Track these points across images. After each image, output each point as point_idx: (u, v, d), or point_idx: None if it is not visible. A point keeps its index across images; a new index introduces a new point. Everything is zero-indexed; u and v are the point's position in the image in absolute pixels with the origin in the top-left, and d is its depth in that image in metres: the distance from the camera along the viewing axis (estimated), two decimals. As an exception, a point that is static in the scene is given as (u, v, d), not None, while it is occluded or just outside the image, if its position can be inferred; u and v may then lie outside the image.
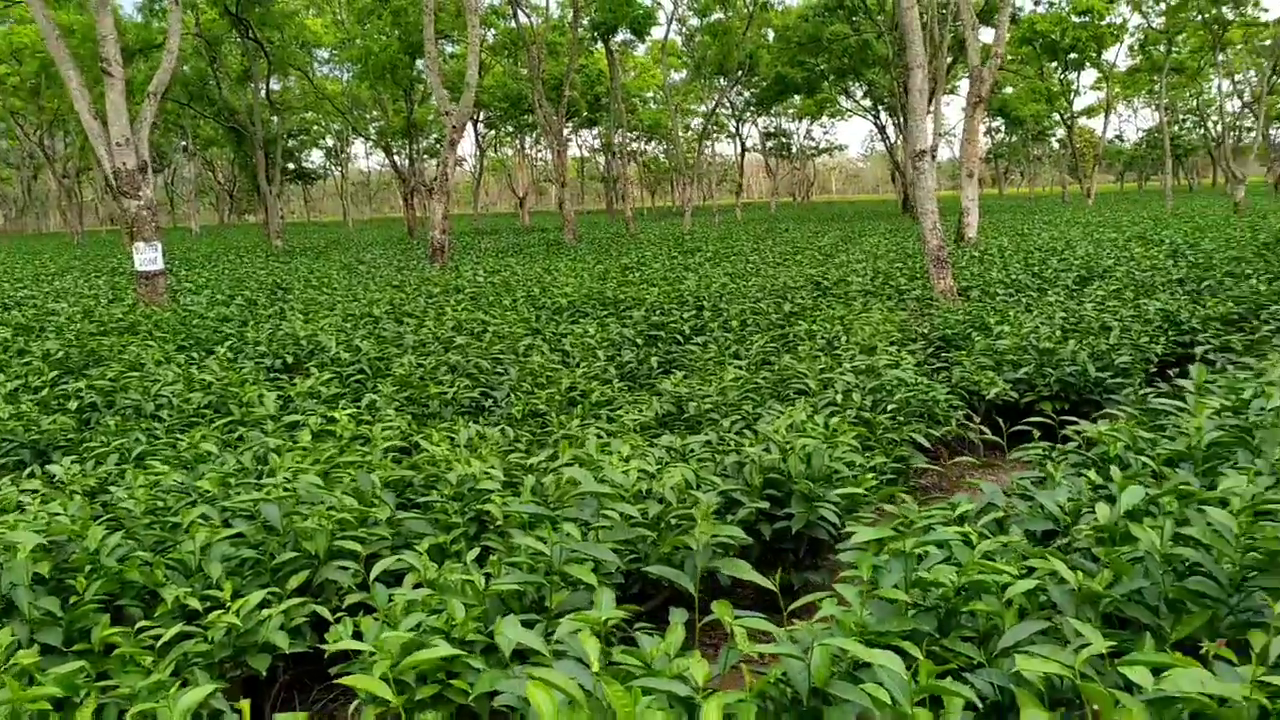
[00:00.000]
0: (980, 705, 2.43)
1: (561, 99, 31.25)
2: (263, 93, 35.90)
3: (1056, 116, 58.99)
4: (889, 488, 4.27)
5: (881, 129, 54.82)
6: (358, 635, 3.03)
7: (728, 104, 53.05)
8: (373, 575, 3.27)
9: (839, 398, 6.22)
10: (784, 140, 73.26)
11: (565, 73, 31.91)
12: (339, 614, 3.14)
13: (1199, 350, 8.51)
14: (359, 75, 39.79)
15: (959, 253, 17.14)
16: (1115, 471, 3.41)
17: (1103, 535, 3.20)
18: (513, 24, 34.69)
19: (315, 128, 60.07)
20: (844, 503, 4.67)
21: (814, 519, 4.61)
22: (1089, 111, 67.96)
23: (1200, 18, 39.20)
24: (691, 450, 5.28)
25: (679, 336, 9.78)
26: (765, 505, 4.75)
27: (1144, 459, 3.89)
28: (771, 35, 42.46)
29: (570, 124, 55.74)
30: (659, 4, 36.77)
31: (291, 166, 62.62)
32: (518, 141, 67.27)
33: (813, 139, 76.06)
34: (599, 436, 5.51)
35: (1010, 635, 2.47)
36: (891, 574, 2.86)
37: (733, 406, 6.52)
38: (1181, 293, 11.66)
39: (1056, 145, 76.51)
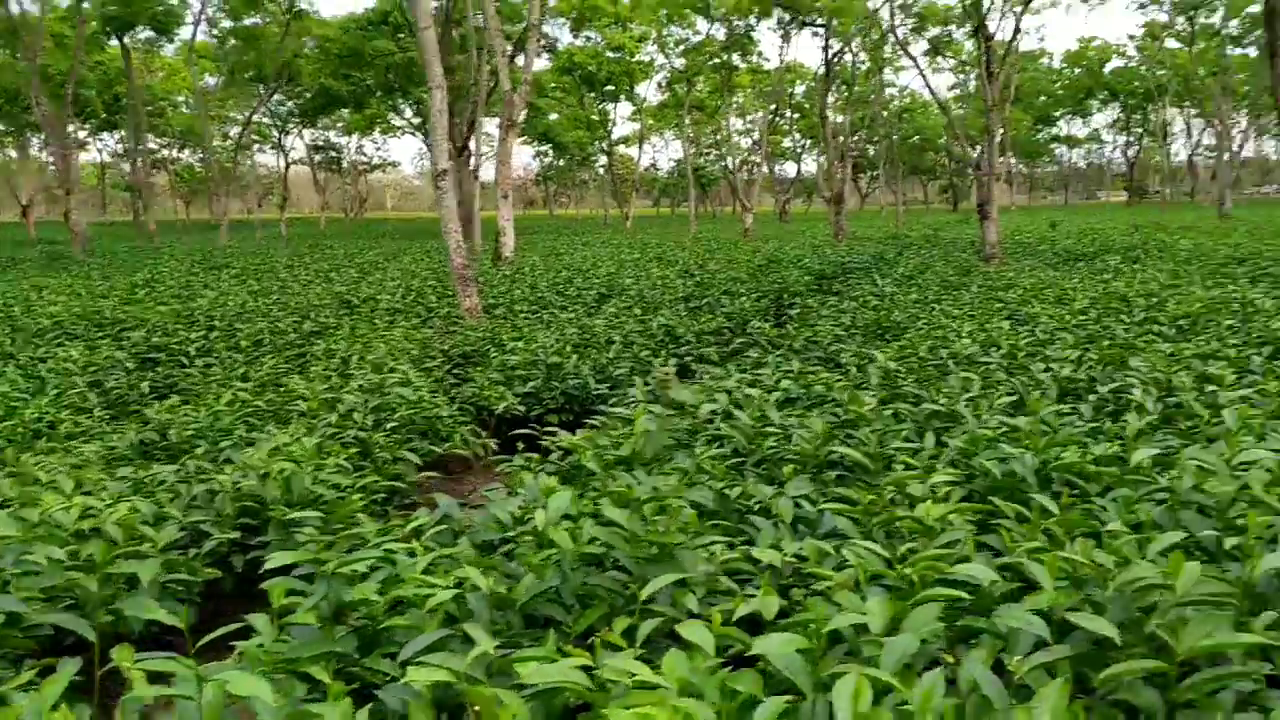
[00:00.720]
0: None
1: (67, 97, 28.01)
2: None
3: (599, 144, 62.80)
4: (347, 506, 4.23)
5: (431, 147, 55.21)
6: None
7: (269, 113, 50.72)
8: None
9: (334, 418, 6.09)
10: (334, 154, 71.47)
11: (71, 68, 28.65)
12: None
13: (686, 361, 9.41)
14: None
15: (494, 271, 17.64)
16: (544, 479, 3.61)
17: (541, 539, 3.37)
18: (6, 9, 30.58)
19: None
20: (324, 527, 4.55)
21: (291, 547, 4.45)
22: (626, 140, 73.06)
23: (714, 62, 43.73)
24: (161, 481, 4.91)
25: (183, 358, 9.11)
26: (238, 535, 4.53)
27: (592, 466, 4.17)
28: (314, 45, 41.15)
29: (87, 126, 50.35)
30: (186, 2, 34.14)
31: None
32: (22, 142, 59.45)
33: (365, 154, 74.97)
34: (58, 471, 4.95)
35: (410, 646, 2.50)
36: (314, 597, 2.81)
37: (224, 432, 6.16)
38: (684, 309, 12.81)
39: (601, 171, 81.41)
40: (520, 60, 28.17)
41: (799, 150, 65.24)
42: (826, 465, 4.52)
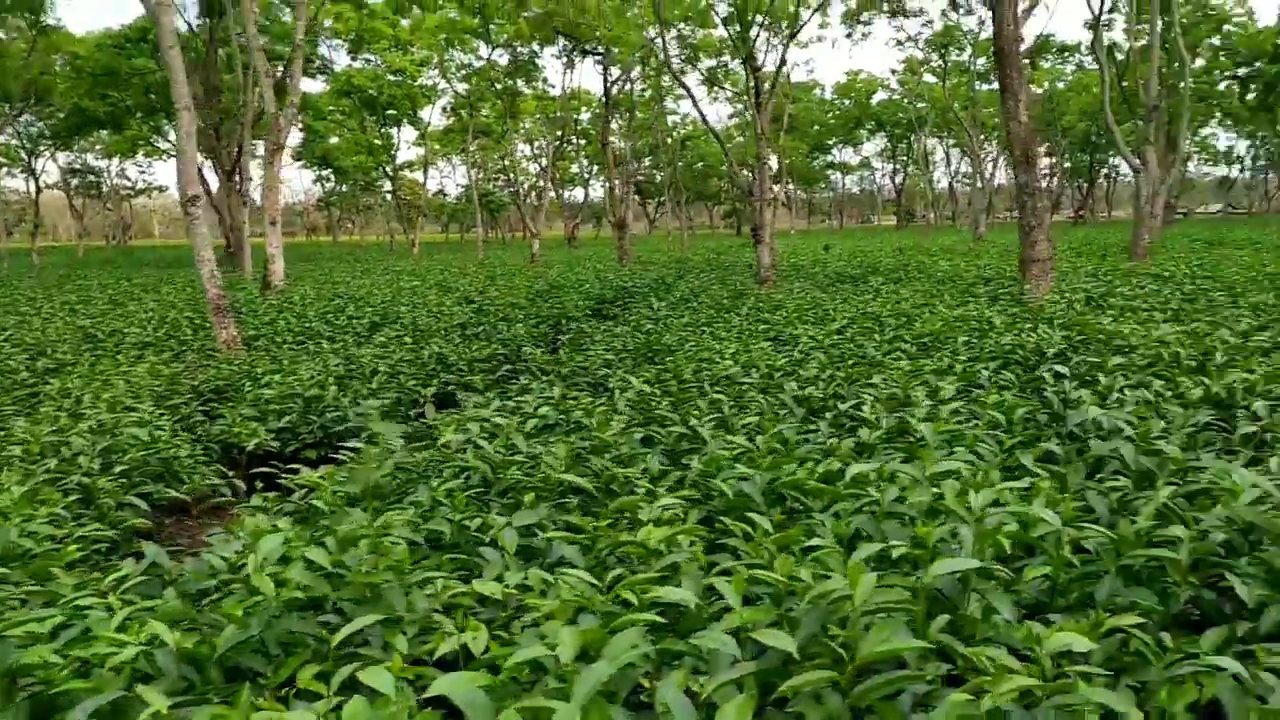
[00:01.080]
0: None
1: None
2: None
3: (382, 169, 61.40)
4: (59, 559, 3.90)
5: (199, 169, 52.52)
6: None
7: (17, 135, 46.99)
8: None
9: (54, 463, 5.63)
10: (93, 178, 66.92)
11: None
12: None
13: (450, 389, 9.26)
14: None
15: (261, 301, 16.90)
16: (259, 519, 3.44)
17: (252, 587, 3.19)
18: None
19: None
20: (32, 583, 4.18)
21: (-13, 607, 4.06)
22: (411, 165, 71.74)
23: (497, 87, 43.58)
24: None
25: (-110, 403, 8.24)
26: (-73, 598, 4.09)
27: (321, 504, 4.02)
28: (65, 63, 38.33)
29: None
30: (-82, 15, 31.19)
31: None
32: None
33: (128, 178, 70.56)
34: None
35: (79, 710, 2.32)
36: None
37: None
38: (459, 337, 12.62)
39: (387, 196, 79.69)
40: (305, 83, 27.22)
41: (586, 176, 65.95)
42: (571, 491, 4.51)
